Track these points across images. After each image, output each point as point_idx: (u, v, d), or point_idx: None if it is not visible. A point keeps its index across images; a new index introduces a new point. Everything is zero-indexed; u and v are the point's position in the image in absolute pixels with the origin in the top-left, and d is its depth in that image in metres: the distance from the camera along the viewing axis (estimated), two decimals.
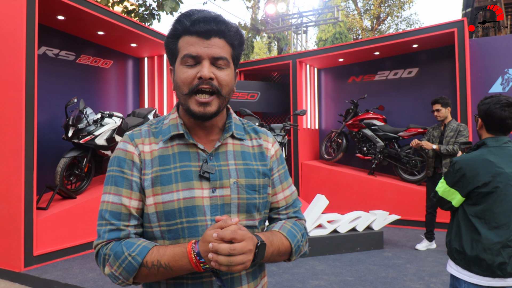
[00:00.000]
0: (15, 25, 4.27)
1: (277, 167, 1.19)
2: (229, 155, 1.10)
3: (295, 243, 1.12)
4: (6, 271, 4.24)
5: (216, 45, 1.01)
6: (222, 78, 1.02)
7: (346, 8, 25.35)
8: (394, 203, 6.47)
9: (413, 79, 7.20)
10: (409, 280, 3.91)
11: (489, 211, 1.89)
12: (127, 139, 1.08)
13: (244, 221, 1.07)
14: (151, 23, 10.71)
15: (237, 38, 1.06)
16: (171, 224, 1.02)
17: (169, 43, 1.06)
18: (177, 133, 1.07)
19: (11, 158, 4.26)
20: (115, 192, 1.04)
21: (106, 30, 5.65)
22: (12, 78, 4.28)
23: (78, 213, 4.89)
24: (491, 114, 1.97)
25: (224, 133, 1.11)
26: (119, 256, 0.98)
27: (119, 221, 1.03)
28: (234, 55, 1.07)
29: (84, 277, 4.02)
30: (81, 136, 4.96)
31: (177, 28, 1.03)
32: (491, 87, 6.54)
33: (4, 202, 4.30)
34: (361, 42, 7.03)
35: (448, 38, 6.27)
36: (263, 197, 1.11)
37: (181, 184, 1.02)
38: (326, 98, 8.36)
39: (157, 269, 0.97)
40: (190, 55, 1.01)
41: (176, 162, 1.05)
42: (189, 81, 1.01)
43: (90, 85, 6.22)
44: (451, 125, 4.79)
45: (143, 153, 1.06)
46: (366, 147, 7.08)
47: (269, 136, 1.21)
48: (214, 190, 1.04)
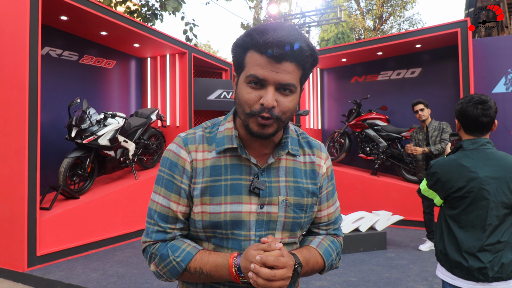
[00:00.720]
0: (19, 25, 4.28)
1: (326, 184, 1.17)
2: (281, 171, 1.08)
3: (329, 262, 1.14)
4: (10, 271, 4.25)
5: (285, 71, 0.94)
6: (285, 106, 0.97)
7: (349, 8, 25.31)
8: (397, 203, 6.44)
9: (416, 79, 7.18)
10: (412, 280, 3.90)
11: (465, 215, 1.88)
12: (180, 143, 1.07)
13: (286, 239, 1.08)
14: (153, 23, 10.71)
15: (310, 61, 0.98)
16: (216, 233, 1.04)
17: (236, 52, 1.00)
18: (231, 146, 1.05)
19: (14, 158, 4.27)
20: (165, 195, 1.07)
21: (109, 30, 5.66)
22: (15, 79, 4.29)
23: (81, 214, 4.90)
24: (464, 113, 1.94)
25: (280, 150, 1.08)
26: (165, 259, 1.03)
27: (166, 223, 1.06)
28: (302, 77, 1.01)
29: (87, 277, 4.02)
30: (84, 136, 4.97)
31: (247, 41, 0.97)
32: (494, 87, 6.52)
33: (8, 202, 4.30)
34: (364, 42, 7.01)
35: (452, 38, 6.25)
36: (308, 215, 1.12)
37: (230, 197, 1.03)
38: (329, 98, 8.35)
39: (198, 275, 1.02)
40: (256, 77, 0.95)
41: (227, 174, 1.04)
42: (251, 103, 0.97)
43: (93, 85, 6.23)
44: (432, 125, 4.99)
45: (195, 161, 1.05)
46: (369, 147, 7.07)
47: (322, 151, 1.18)
48: (262, 206, 1.04)
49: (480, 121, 1.91)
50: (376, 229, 5.03)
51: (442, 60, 6.88)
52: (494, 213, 1.83)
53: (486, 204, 1.83)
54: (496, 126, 1.99)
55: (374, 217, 5.00)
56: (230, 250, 1.03)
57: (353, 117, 7.25)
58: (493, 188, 1.83)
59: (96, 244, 5.04)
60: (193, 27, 10.75)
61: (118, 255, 4.87)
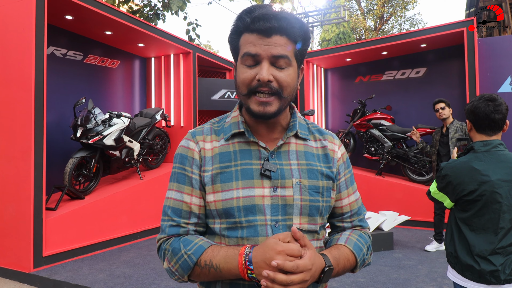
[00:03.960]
0: (25, 25, 4.26)
1: (344, 171, 1.14)
2: (292, 155, 1.06)
3: (361, 257, 1.09)
4: (16, 272, 4.23)
5: (276, 43, 0.96)
6: (283, 80, 0.98)
7: (350, 8, 25.30)
8: (402, 203, 6.42)
9: (421, 79, 7.15)
10: (421, 281, 3.87)
11: (476, 219, 1.85)
12: (189, 136, 1.09)
13: (306, 225, 1.03)
14: (156, 23, 10.69)
15: (301, 34, 1.00)
16: (230, 222, 1.01)
17: (231, 40, 1.04)
18: (238, 131, 1.06)
19: (20, 158, 4.24)
20: (177, 189, 1.06)
21: (114, 29, 5.63)
22: (21, 79, 4.27)
23: (87, 214, 4.87)
24: (475, 110, 1.91)
25: (288, 132, 1.07)
26: (177, 253, 1.00)
27: (180, 218, 1.05)
28: (297, 52, 1.01)
29: (94, 278, 3.99)
30: (89, 136, 4.94)
31: (238, 24, 1.00)
32: (500, 87, 6.49)
33: (14, 203, 4.28)
34: (369, 42, 6.99)
35: (457, 37, 6.22)
36: (326, 200, 1.07)
37: (241, 182, 1.01)
38: (333, 98, 8.32)
39: (208, 269, 0.96)
40: (250, 54, 0.97)
41: (237, 160, 1.03)
42: (247, 82, 0.99)
43: (97, 85, 6.21)
44: (453, 125, 4.89)
45: (204, 150, 1.06)
46: (373, 147, 7.04)
47: (335, 138, 1.16)
48: (275, 189, 1.01)
49: (492, 118, 1.88)
50: (382, 229, 5.01)
51: (447, 60, 6.86)
52: (507, 217, 1.81)
53: (498, 207, 1.81)
54: (508, 126, 1.96)
55: (381, 217, 4.97)
56: (246, 241, 0.99)
57: (358, 117, 7.22)
58: (505, 191, 1.81)
59: (101, 244, 5.01)
60: (196, 27, 10.74)
61: (123, 255, 4.84)
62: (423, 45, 6.71)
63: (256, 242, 0.99)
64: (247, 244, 0.99)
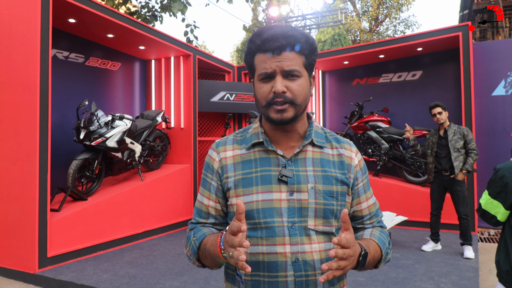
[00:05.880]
0: (30, 28, 4.31)
1: (361, 177, 1.23)
2: (308, 162, 1.16)
3: (385, 250, 1.16)
4: (21, 273, 4.28)
5: (286, 58, 1.08)
6: (295, 89, 1.10)
7: (345, 9, 25.44)
8: (399, 204, 6.54)
9: (417, 81, 7.29)
10: (419, 280, 3.99)
11: None
12: (213, 146, 1.25)
13: (320, 226, 1.12)
14: (153, 24, 10.73)
15: (307, 47, 1.11)
16: (250, 223, 1.12)
17: (247, 60, 1.17)
18: (258, 141, 1.18)
19: (25, 160, 4.30)
20: (201, 193, 1.25)
21: (115, 32, 5.69)
22: (26, 81, 4.32)
23: (90, 215, 4.93)
24: None
25: (304, 140, 1.17)
26: (189, 239, 1.19)
27: (200, 217, 1.24)
28: (306, 63, 1.13)
29: (99, 278, 4.06)
30: (92, 138, 5.00)
31: (251, 47, 1.14)
32: (494, 90, 6.64)
33: (18, 204, 4.33)
34: (366, 45, 7.10)
35: (452, 41, 6.36)
36: (341, 204, 1.15)
37: (261, 187, 1.12)
38: (331, 100, 8.43)
39: (204, 252, 1.11)
40: (265, 72, 1.10)
41: (257, 167, 1.15)
42: (265, 95, 1.11)
43: (98, 87, 6.26)
44: (451, 128, 4.91)
45: (225, 159, 1.20)
46: (371, 149, 7.16)
47: (352, 146, 1.25)
48: (291, 193, 1.11)
49: None
50: None
51: (442, 63, 7.00)
52: None
53: None
54: None
55: None
56: (265, 240, 1.09)
57: (355, 119, 7.33)
58: None
59: (104, 245, 5.07)
60: (194, 28, 10.79)
61: (126, 256, 4.91)
62: (419, 48, 6.84)
63: (274, 242, 1.08)
64: (265, 243, 1.09)
